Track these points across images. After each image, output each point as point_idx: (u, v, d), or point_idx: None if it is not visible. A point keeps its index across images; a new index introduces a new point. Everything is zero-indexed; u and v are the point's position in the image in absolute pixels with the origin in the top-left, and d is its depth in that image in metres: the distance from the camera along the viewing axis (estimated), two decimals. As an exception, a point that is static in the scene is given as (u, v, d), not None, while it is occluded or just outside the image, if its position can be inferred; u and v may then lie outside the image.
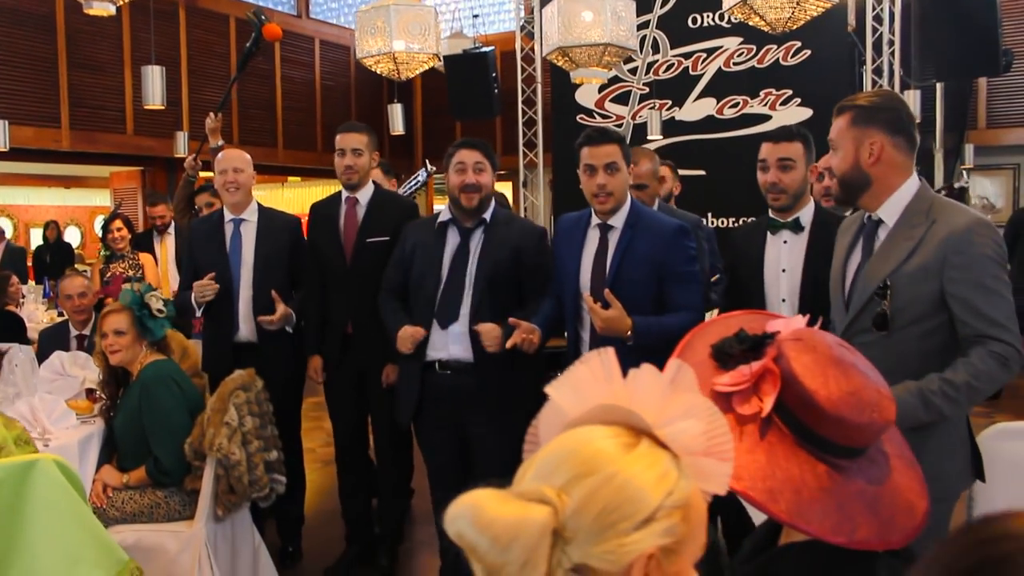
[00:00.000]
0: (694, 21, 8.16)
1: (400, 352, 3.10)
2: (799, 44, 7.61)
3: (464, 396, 3.04)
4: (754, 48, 7.85)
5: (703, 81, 8.12)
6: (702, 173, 7.65)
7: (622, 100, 8.55)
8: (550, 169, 9.27)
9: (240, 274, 3.72)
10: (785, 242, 2.80)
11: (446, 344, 3.07)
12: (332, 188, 3.72)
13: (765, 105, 7.90)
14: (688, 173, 6.83)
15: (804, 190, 2.80)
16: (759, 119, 7.52)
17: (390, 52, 4.36)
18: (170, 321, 3.27)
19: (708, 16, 8.06)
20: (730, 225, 7.53)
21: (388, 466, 3.76)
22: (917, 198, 2.10)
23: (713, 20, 8.01)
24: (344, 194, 3.66)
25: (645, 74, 8.37)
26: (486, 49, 8.78)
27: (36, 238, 12.53)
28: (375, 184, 3.77)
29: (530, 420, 0.94)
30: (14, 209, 13.58)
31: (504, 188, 10.10)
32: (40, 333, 4.73)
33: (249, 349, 3.68)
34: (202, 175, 5.10)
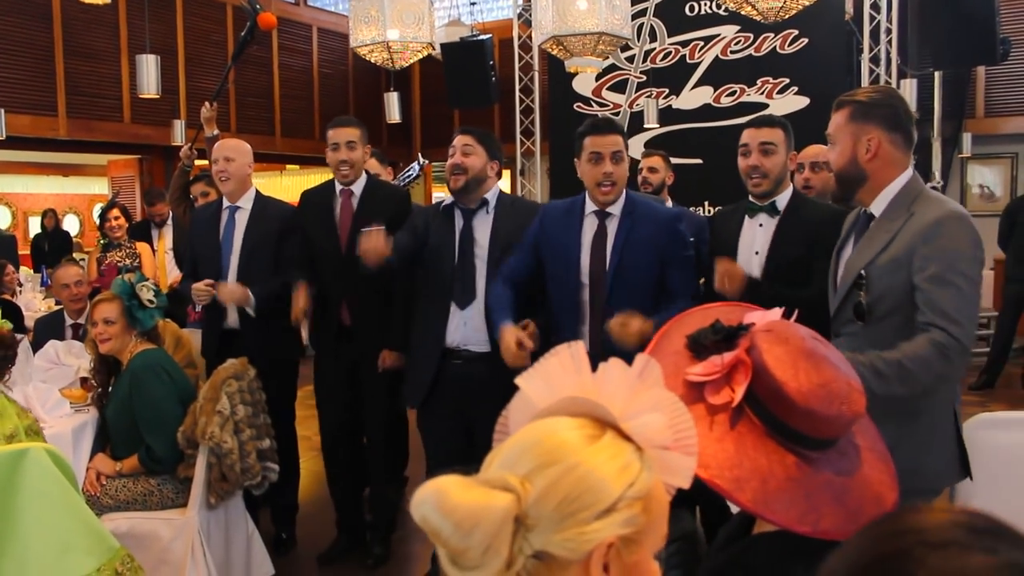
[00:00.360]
0: (691, 9, 8.13)
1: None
2: (796, 32, 7.59)
3: (475, 385, 3.02)
4: (751, 36, 7.83)
5: (700, 69, 8.11)
6: (699, 162, 7.64)
7: (619, 88, 8.53)
8: (547, 157, 9.26)
9: (229, 261, 3.74)
10: (761, 225, 2.83)
11: (459, 328, 3.08)
12: (330, 176, 3.73)
13: (762, 94, 7.89)
14: (684, 162, 6.83)
15: (784, 176, 2.84)
16: (756, 107, 7.47)
17: (384, 41, 4.36)
18: (161, 312, 3.28)
19: (705, 4, 8.04)
20: (727, 214, 7.53)
21: (380, 454, 3.77)
22: (904, 191, 2.11)
23: (710, 8, 7.99)
24: (338, 186, 3.68)
25: (642, 62, 8.35)
26: (483, 37, 8.75)
27: (35, 226, 12.54)
28: (367, 173, 3.78)
29: None
30: (12, 197, 13.58)
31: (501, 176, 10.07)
32: (35, 322, 4.74)
33: (235, 336, 3.71)
34: (197, 164, 5.10)
